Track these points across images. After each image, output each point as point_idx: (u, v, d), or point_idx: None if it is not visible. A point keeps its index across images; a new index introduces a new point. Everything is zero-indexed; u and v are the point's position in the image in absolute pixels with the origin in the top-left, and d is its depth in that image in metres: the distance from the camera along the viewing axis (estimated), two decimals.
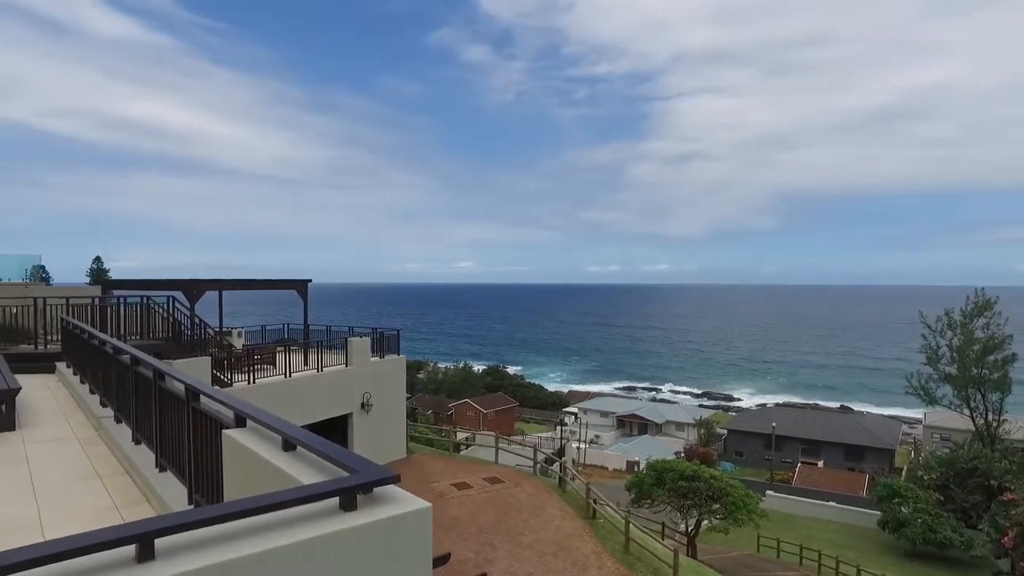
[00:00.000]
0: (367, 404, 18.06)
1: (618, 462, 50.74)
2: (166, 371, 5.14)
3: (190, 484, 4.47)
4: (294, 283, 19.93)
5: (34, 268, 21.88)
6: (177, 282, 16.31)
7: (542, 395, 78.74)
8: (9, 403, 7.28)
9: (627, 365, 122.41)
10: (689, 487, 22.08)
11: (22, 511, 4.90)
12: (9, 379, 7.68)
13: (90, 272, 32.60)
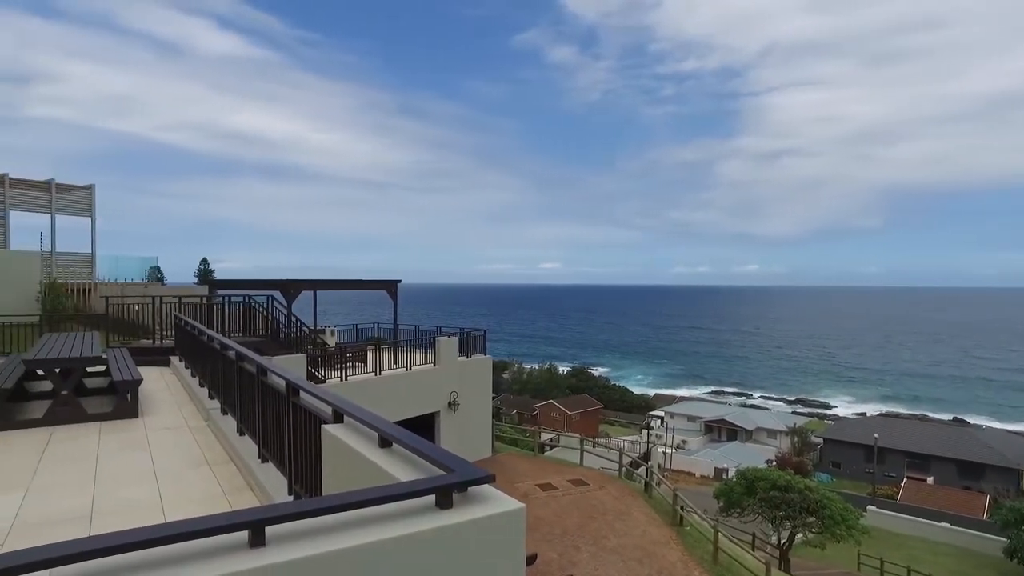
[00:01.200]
0: (454, 403, 18.39)
1: (706, 468, 49.32)
2: (268, 367, 5.41)
3: (290, 475, 4.67)
4: (384, 283, 20.58)
5: (151, 269, 23.61)
6: (275, 282, 17.17)
7: (627, 398, 77.67)
8: (133, 393, 7.90)
9: (715, 369, 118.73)
10: (782, 498, 21.11)
11: (146, 491, 5.31)
12: (133, 371, 8.32)
13: (197, 273, 34.81)
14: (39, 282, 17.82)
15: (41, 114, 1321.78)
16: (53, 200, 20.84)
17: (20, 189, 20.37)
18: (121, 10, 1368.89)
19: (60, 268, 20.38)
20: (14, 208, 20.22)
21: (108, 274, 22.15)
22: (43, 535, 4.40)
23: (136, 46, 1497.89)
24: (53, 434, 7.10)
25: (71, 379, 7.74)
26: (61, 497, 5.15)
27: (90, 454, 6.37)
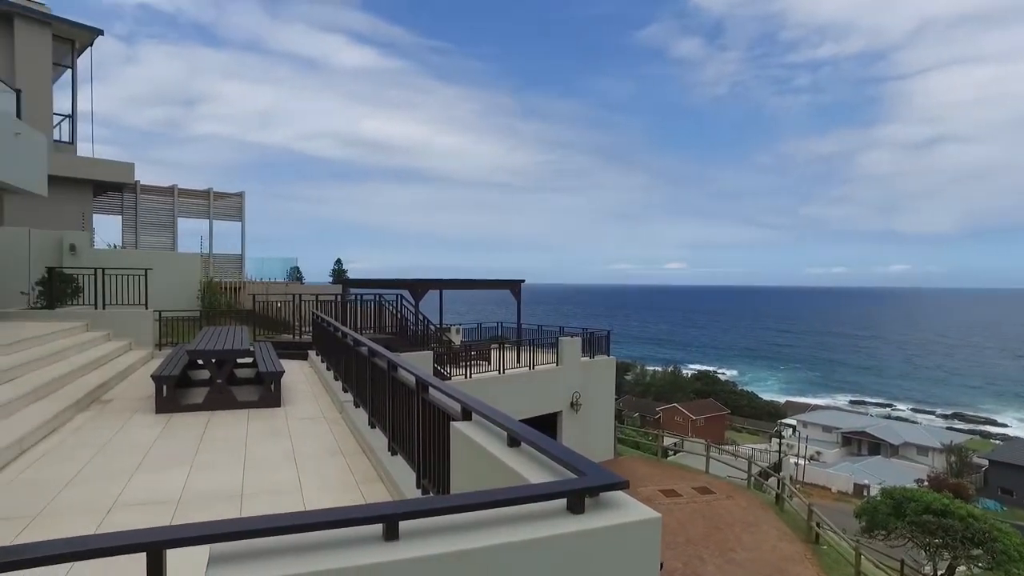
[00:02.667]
0: (576, 403, 18.31)
1: (844, 483, 45.84)
2: (398, 363, 5.58)
3: (418, 469, 4.79)
4: (508, 283, 20.89)
5: (291, 269, 25.39)
6: (404, 282, 17.90)
7: (755, 404, 73.89)
8: (276, 384, 8.49)
9: (854, 377, 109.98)
10: (938, 523, 19.04)
11: (288, 476, 5.66)
12: (277, 363, 8.95)
13: (332, 272, 37.08)
14: (199, 281, 19.70)
15: (203, 131, 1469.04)
16: (211, 207, 23.03)
17: (185, 198, 22.74)
18: (269, 34, 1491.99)
19: (216, 268, 22.44)
20: (181, 215, 22.59)
21: (255, 274, 24.12)
22: (205, 508, 4.81)
23: (280, 64, 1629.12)
24: (211, 418, 7.78)
25: (224, 369, 8.44)
26: (217, 475, 5.61)
27: (240, 438, 6.91)
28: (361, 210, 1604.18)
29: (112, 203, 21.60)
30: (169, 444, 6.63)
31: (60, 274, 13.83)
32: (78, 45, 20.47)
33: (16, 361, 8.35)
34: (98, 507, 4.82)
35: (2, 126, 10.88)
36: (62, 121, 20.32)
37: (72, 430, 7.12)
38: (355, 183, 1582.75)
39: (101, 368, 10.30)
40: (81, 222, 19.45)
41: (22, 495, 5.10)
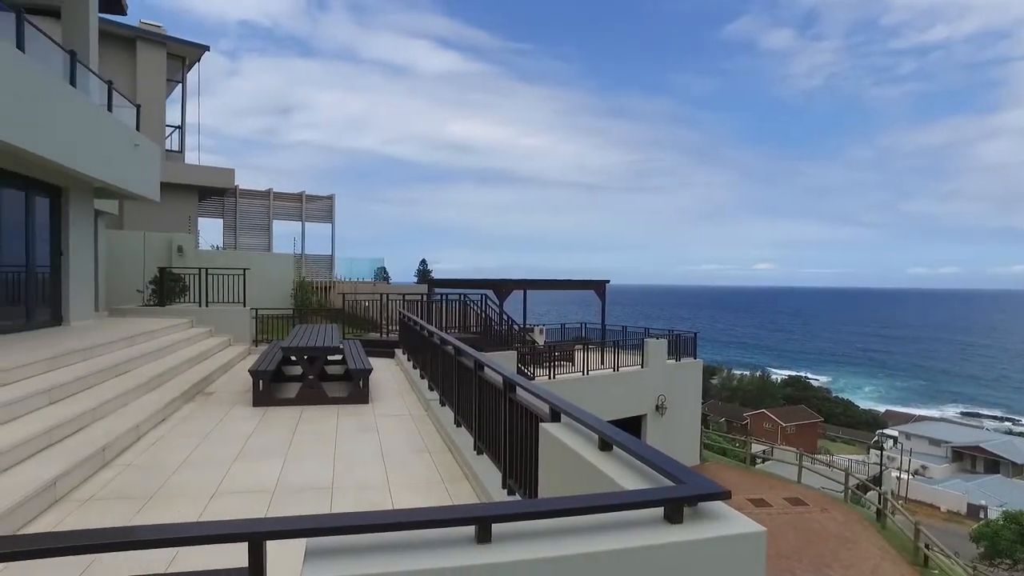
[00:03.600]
0: (661, 406, 17.89)
1: (955, 502, 42.51)
2: (485, 362, 5.58)
3: (504, 469, 4.75)
4: (593, 283, 20.70)
5: (378, 269, 26.14)
6: (488, 282, 18.05)
7: (851, 412, 69.80)
8: (365, 381, 8.71)
9: (965, 387, 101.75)
10: None
11: (376, 472, 5.76)
12: (365, 361, 9.18)
13: (417, 272, 37.95)
14: (292, 280, 20.60)
15: (297, 139, 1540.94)
16: (304, 210, 24.05)
17: (280, 202, 23.85)
18: (360, 43, 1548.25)
19: (308, 268, 23.40)
20: (276, 218, 23.73)
21: (344, 274, 25.00)
22: (298, 499, 4.96)
23: (370, 72, 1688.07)
24: (303, 412, 8.06)
25: (316, 366, 8.74)
26: (309, 468, 5.78)
27: (330, 433, 7.11)
28: (445, 211, 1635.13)
29: (214, 207, 22.95)
30: (265, 436, 6.91)
31: (169, 274, 14.78)
32: (188, 61, 21.87)
33: (134, 354, 8.97)
34: (202, 492, 5.07)
35: (124, 139, 11.73)
36: (173, 132, 21.77)
37: (180, 419, 7.56)
38: (440, 185, 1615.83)
39: (204, 362, 10.91)
40: (188, 225, 20.76)
41: (140, 477, 5.45)
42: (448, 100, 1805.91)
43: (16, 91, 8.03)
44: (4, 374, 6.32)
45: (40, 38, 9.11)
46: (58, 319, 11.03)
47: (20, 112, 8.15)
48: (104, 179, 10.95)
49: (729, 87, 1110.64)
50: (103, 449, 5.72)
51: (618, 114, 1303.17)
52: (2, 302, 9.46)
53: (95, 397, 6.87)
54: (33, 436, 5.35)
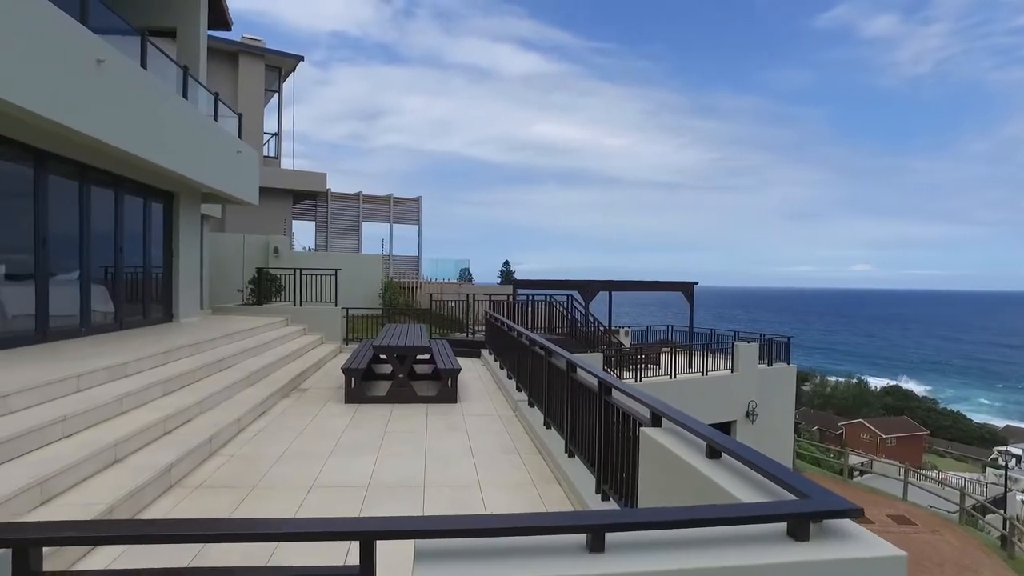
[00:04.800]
0: (752, 413, 17.20)
1: None
2: (578, 364, 5.47)
3: (599, 474, 4.63)
4: (681, 285, 20.20)
5: (463, 270, 26.50)
6: (574, 282, 17.91)
7: (963, 426, 64.63)
8: (453, 380, 8.78)
9: None
10: None
11: (466, 471, 5.77)
12: (454, 361, 9.27)
13: (500, 273, 38.24)
14: (381, 281, 21.17)
15: (384, 143, 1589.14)
16: (391, 211, 24.70)
17: (369, 204, 24.61)
18: (445, 48, 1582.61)
19: (395, 269, 24.00)
20: (365, 220, 24.49)
21: (429, 274, 25.50)
22: (392, 496, 5.02)
23: (455, 76, 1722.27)
24: (393, 410, 8.21)
25: (406, 364, 8.89)
26: (401, 465, 5.86)
27: (420, 431, 7.20)
28: (528, 212, 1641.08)
29: (307, 210, 23.94)
30: (357, 432, 7.07)
31: (266, 274, 15.49)
32: (284, 72, 22.94)
33: (235, 350, 9.43)
34: (300, 485, 5.22)
35: (229, 147, 12.40)
36: (270, 139, 22.87)
37: (277, 414, 7.86)
38: (523, 186, 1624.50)
39: (299, 359, 11.33)
40: (283, 227, 21.73)
41: (243, 467, 5.69)
42: (531, 102, 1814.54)
43: (140, 105, 8.61)
44: (127, 366, 6.78)
45: (158, 55, 9.74)
46: (169, 316, 11.76)
47: (143, 125, 8.75)
48: (211, 185, 11.60)
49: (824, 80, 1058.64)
50: (210, 440, 6.01)
51: (704, 112, 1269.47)
52: (124, 300, 10.17)
53: (202, 390, 7.25)
54: (151, 424, 5.69)
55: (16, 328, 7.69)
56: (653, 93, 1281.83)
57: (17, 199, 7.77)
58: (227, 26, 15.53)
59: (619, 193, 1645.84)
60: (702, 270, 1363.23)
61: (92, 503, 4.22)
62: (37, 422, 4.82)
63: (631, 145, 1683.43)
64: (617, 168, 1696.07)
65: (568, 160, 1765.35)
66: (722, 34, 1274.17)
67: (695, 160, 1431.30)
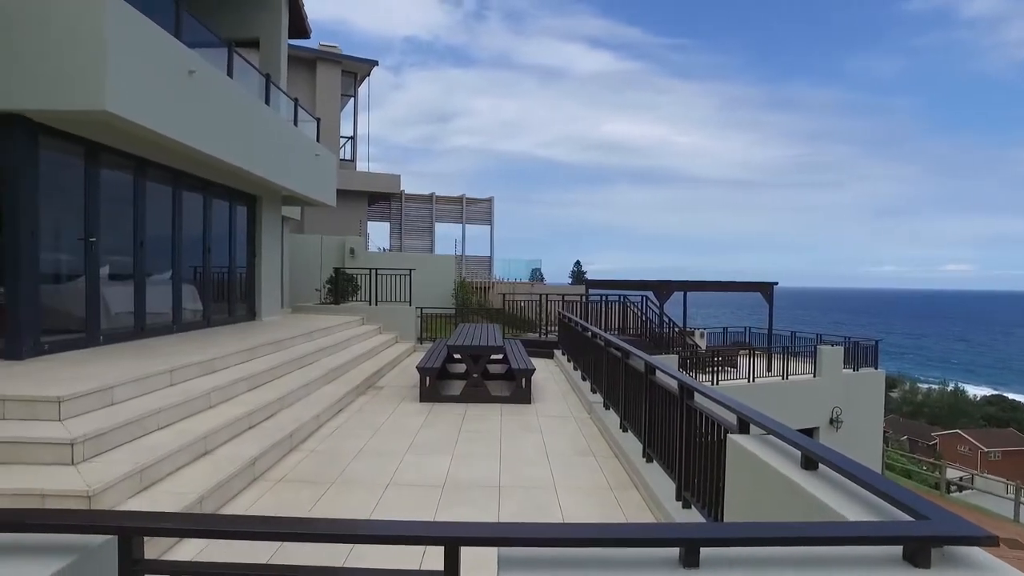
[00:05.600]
0: (836, 420, 16.36)
1: None
2: (657, 366, 5.32)
3: (679, 480, 4.47)
4: (759, 285, 19.49)
5: (534, 270, 26.46)
6: (648, 283, 17.57)
7: None
8: (527, 381, 8.74)
9: None
10: None
11: (542, 473, 5.70)
12: (527, 361, 9.23)
13: (571, 274, 37.99)
14: (454, 281, 21.40)
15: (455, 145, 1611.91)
16: (464, 212, 24.96)
17: (442, 205, 24.95)
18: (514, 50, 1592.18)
19: (468, 269, 24.22)
20: (438, 220, 24.85)
21: (501, 274, 25.59)
22: (467, 497, 5.01)
23: (525, 76, 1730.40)
24: (467, 410, 8.24)
25: (480, 364, 8.91)
26: (476, 465, 5.85)
27: (494, 431, 7.18)
28: (599, 212, 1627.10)
29: (382, 211, 24.48)
30: (432, 431, 7.12)
31: (343, 274, 15.92)
32: (359, 77, 23.54)
33: (313, 348, 9.70)
34: (377, 483, 5.28)
35: (308, 151, 12.81)
36: (346, 143, 23.51)
37: (354, 411, 8.03)
38: (593, 186, 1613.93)
39: (374, 358, 11.57)
40: (359, 228, 22.30)
41: (322, 462, 5.83)
42: (601, 100, 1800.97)
43: (228, 113, 9.00)
44: (215, 362, 7.07)
45: (243, 65, 10.15)
46: (252, 315, 12.24)
47: (232, 132, 9.15)
48: (292, 188, 12.01)
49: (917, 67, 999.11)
50: (291, 435, 6.19)
51: (782, 106, 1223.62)
52: (212, 298, 10.66)
53: (283, 386, 7.48)
54: (236, 419, 5.90)
55: (118, 325, 8.16)
56: (727, 88, 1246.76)
57: (120, 204, 8.24)
58: (306, 34, 16.05)
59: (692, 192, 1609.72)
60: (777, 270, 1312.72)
61: (185, 492, 4.40)
62: (137, 413, 5.07)
63: (704, 142, 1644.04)
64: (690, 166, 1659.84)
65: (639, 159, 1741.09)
66: (801, 23, 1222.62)
67: (772, 156, 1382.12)
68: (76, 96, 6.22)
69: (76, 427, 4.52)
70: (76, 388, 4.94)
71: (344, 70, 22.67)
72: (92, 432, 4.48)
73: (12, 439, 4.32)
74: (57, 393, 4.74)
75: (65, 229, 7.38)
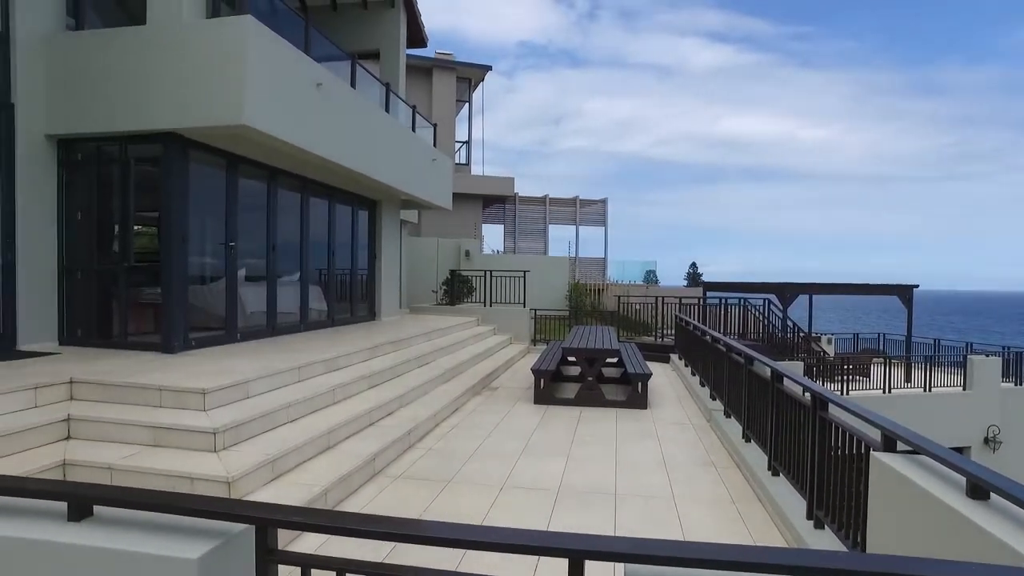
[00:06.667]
0: (993, 440, 14.68)
1: None
2: (785, 373, 4.96)
3: (811, 498, 4.12)
4: (896, 288, 17.92)
5: (647, 272, 25.87)
6: (770, 285, 16.66)
7: None
8: (644, 385, 8.49)
9: None
10: None
11: (659, 481, 5.48)
12: (644, 365, 8.97)
13: (687, 276, 36.86)
14: (567, 283, 21.33)
15: (568, 146, 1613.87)
16: (578, 214, 24.82)
17: (556, 207, 24.95)
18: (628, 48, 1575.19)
19: (581, 271, 24.06)
20: (552, 222, 24.88)
21: (615, 276, 25.21)
22: (583, 503, 4.90)
23: (638, 75, 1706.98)
24: (581, 413, 8.11)
25: (595, 367, 8.75)
26: (591, 470, 5.72)
27: (610, 436, 7.01)
28: (716, 212, 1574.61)
29: (496, 213, 24.83)
30: (546, 434, 7.06)
31: (458, 276, 16.27)
32: (473, 83, 24.03)
33: (430, 348, 9.95)
34: (492, 484, 5.28)
35: (426, 156, 13.21)
36: (460, 147, 24.06)
37: (469, 411, 8.13)
38: (709, 185, 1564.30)
39: (489, 358, 11.70)
40: (473, 231, 22.74)
41: (438, 461, 5.92)
42: (719, 96, 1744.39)
43: (352, 123, 9.43)
44: (338, 360, 7.40)
45: (365, 75, 10.61)
46: (372, 315, 12.76)
47: (356, 140, 9.59)
48: (411, 192, 12.41)
49: None
50: (408, 433, 6.33)
51: (924, 91, 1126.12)
52: (335, 299, 11.21)
53: (402, 385, 7.70)
54: (358, 415, 6.13)
55: (252, 323, 8.76)
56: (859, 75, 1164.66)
57: (255, 211, 8.85)
58: (423, 44, 16.55)
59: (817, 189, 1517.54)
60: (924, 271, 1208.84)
61: (311, 484, 4.59)
62: (269, 407, 5.38)
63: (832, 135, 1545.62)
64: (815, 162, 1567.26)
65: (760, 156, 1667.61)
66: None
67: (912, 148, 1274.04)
68: (219, 112, 6.74)
69: (218, 417, 4.86)
70: (219, 381, 5.32)
71: (459, 76, 23.22)
72: (231, 423, 4.80)
73: (168, 425, 4.73)
74: (202, 385, 5.12)
75: (209, 235, 8.01)
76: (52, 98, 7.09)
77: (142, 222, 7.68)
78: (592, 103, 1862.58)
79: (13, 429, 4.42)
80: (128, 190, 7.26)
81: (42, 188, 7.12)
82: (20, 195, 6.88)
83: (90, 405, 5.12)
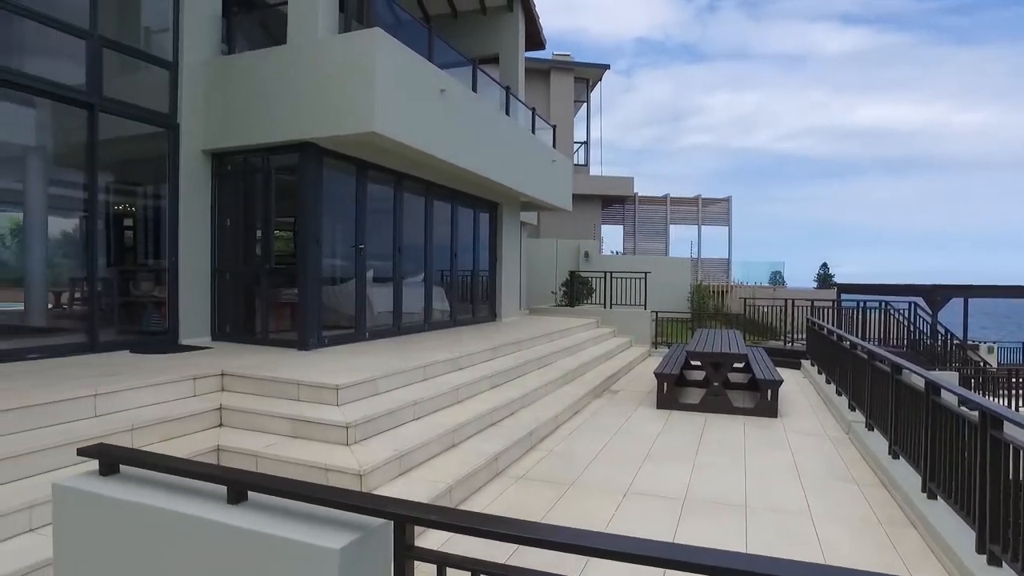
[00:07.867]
0: None
1: None
2: (943, 385, 4.49)
3: (984, 530, 3.67)
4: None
5: (774, 273, 24.53)
6: (916, 287, 15.25)
7: None
8: (774, 393, 8.02)
9: None
10: None
11: (793, 495, 5.14)
12: (773, 371, 8.49)
13: (817, 277, 34.56)
14: (689, 284, 20.66)
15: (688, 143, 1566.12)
16: (700, 213, 23.99)
17: (677, 206, 24.26)
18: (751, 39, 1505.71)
19: (703, 272, 23.22)
20: (673, 222, 24.22)
21: (740, 277, 24.11)
22: (710, 514, 4.68)
23: (762, 66, 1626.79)
24: (706, 420, 7.79)
25: (721, 372, 8.37)
26: (718, 479, 5.46)
27: (737, 444, 6.67)
28: (849, 208, 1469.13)
29: (615, 214, 24.52)
30: (670, 440, 6.83)
31: (578, 277, 16.19)
32: (591, 83, 23.88)
33: (551, 349, 9.96)
34: (615, 489, 5.17)
35: (545, 157, 13.27)
36: (579, 148, 23.98)
37: (590, 414, 8.04)
38: (843, 179, 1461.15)
39: (609, 361, 11.53)
40: (592, 232, 22.57)
41: (560, 463, 5.89)
42: (853, 84, 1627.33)
43: (472, 126, 9.66)
44: (461, 360, 7.58)
45: (485, 80, 10.82)
46: (493, 316, 12.97)
47: (478, 144, 9.82)
48: (530, 194, 12.51)
49: None
50: (530, 434, 6.35)
51: None
52: (457, 299, 11.51)
53: (523, 386, 7.74)
54: (481, 415, 6.23)
55: (380, 323, 9.17)
56: None
57: (381, 215, 9.27)
58: (541, 46, 16.64)
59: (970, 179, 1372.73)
60: None
61: (436, 480, 4.72)
62: (396, 404, 5.59)
63: (989, 118, 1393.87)
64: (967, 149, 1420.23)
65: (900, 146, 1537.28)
66: None
67: None
68: (351, 121, 7.12)
69: (350, 412, 5.11)
70: (352, 378, 5.60)
71: (576, 77, 23.15)
72: (362, 418, 5.03)
73: (306, 418, 5.05)
74: (336, 382, 5.41)
75: (340, 238, 8.47)
76: (208, 116, 7.81)
77: (281, 227, 8.31)
78: (713, 98, 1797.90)
79: (182, 414, 4.98)
80: (269, 197, 7.87)
81: (199, 198, 7.86)
82: (183, 205, 7.63)
83: (239, 397, 5.57)
